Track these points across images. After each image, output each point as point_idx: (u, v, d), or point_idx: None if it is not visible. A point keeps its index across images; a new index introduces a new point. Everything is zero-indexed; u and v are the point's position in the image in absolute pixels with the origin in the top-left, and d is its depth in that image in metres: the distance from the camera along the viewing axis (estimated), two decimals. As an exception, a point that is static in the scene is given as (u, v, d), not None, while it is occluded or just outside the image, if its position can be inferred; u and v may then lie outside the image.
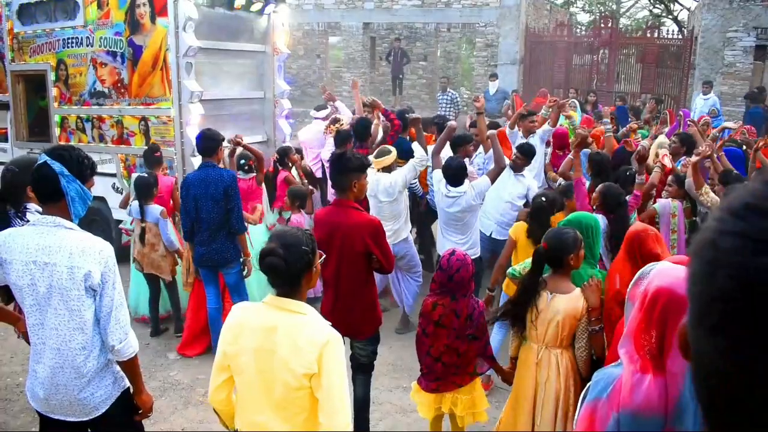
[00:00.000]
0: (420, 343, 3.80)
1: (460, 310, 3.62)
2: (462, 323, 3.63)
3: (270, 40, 7.95)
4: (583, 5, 30.18)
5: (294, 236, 2.42)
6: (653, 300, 1.89)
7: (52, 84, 7.63)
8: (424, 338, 3.75)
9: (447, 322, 3.63)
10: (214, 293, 5.37)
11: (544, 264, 3.46)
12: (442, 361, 3.70)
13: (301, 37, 20.06)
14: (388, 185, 5.60)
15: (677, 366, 1.84)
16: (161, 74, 6.71)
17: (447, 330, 3.64)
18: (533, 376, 3.49)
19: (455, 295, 3.63)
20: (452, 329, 3.63)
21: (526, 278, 3.50)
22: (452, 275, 3.61)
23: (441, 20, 18.47)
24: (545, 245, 3.43)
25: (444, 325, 3.64)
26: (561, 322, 3.37)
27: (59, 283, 2.61)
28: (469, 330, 3.65)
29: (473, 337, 3.67)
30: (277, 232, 2.51)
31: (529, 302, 3.43)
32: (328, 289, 4.16)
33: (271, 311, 2.39)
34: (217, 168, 5.14)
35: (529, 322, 3.52)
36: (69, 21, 7.34)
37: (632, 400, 1.89)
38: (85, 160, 2.78)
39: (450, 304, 3.63)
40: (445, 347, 3.67)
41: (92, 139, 7.46)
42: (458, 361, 3.69)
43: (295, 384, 2.29)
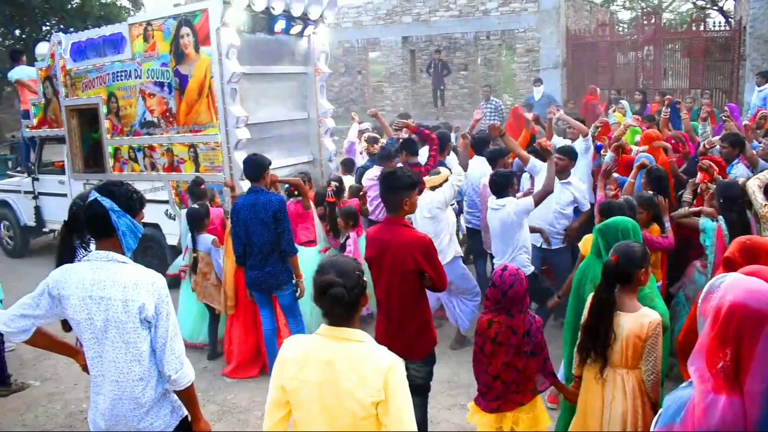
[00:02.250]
0: (477, 361, 3.72)
1: (516, 327, 3.54)
2: (520, 339, 3.54)
3: (311, 61, 8.04)
4: (624, 2, 29.67)
5: (346, 263, 2.42)
6: (728, 316, 1.80)
7: (104, 117, 7.88)
8: (481, 356, 3.67)
9: (504, 339, 3.55)
10: (269, 315, 5.41)
11: (616, 279, 3.30)
12: (501, 379, 3.60)
13: (341, 55, 20.25)
14: (428, 202, 5.58)
15: (758, 385, 1.75)
16: (207, 101, 6.85)
17: (505, 347, 3.55)
18: (600, 395, 3.37)
19: (511, 311, 3.55)
20: (510, 346, 3.54)
21: (599, 296, 3.33)
22: (506, 291, 3.53)
23: (479, 29, 18.40)
24: (615, 258, 3.28)
25: (501, 343, 3.55)
26: (625, 342, 3.25)
27: (115, 316, 2.66)
28: (527, 346, 3.56)
29: (532, 354, 3.58)
30: (328, 262, 2.48)
31: (605, 322, 3.27)
32: (380, 309, 4.13)
33: (327, 342, 2.37)
34: (265, 192, 5.19)
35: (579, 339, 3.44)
36: (117, 55, 7.58)
37: (707, 424, 1.79)
38: (134, 194, 2.83)
39: (506, 321, 3.54)
40: (503, 365, 3.58)
41: (144, 167, 7.66)
42: (518, 378, 3.60)
43: (362, 413, 2.27)
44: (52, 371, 5.99)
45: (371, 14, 18.93)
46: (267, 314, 5.41)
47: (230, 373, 5.77)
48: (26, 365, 6.16)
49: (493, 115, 13.63)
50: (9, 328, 2.78)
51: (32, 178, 9.38)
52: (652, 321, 3.25)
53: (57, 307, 2.76)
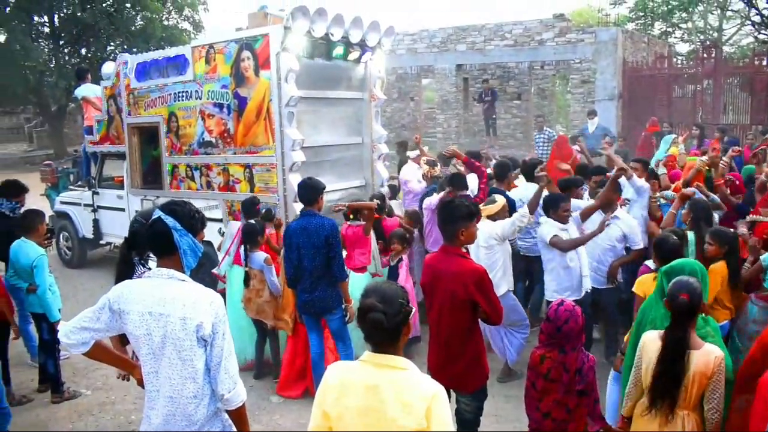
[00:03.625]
0: (529, 397, 3.66)
1: (569, 364, 3.47)
2: (571, 377, 3.47)
3: (367, 87, 8.13)
4: (682, 35, 29.22)
5: (390, 289, 2.44)
6: None
7: (164, 135, 8.10)
8: (533, 392, 3.61)
9: (556, 376, 3.48)
10: (317, 339, 5.43)
11: (689, 317, 3.25)
12: (551, 417, 3.53)
13: (395, 81, 20.41)
14: (485, 232, 5.54)
15: None
16: (265, 124, 6.98)
17: (557, 384, 3.49)
18: None
19: (564, 348, 3.49)
20: (561, 383, 3.48)
21: (674, 335, 3.25)
22: (560, 326, 3.47)
23: (534, 59, 18.35)
24: (686, 296, 3.21)
25: (554, 379, 3.49)
26: (691, 380, 3.17)
27: (173, 333, 2.70)
28: (578, 385, 3.48)
29: (582, 393, 3.50)
30: (372, 286, 2.52)
31: (680, 362, 3.20)
32: (432, 338, 4.10)
33: (371, 369, 2.38)
34: (318, 216, 5.23)
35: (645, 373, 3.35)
36: (179, 76, 7.80)
37: None
38: (196, 214, 2.90)
39: (559, 357, 3.48)
40: (554, 402, 3.51)
41: (200, 186, 7.83)
42: (568, 417, 3.52)
43: None
44: (103, 381, 6.11)
45: (426, 41, 19.08)
46: (315, 338, 5.43)
47: (278, 390, 5.86)
48: (79, 374, 6.30)
49: (546, 145, 13.49)
50: (69, 340, 2.84)
51: (92, 192, 9.68)
52: (717, 356, 3.21)
53: (117, 321, 2.82)
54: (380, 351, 2.39)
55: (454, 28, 18.67)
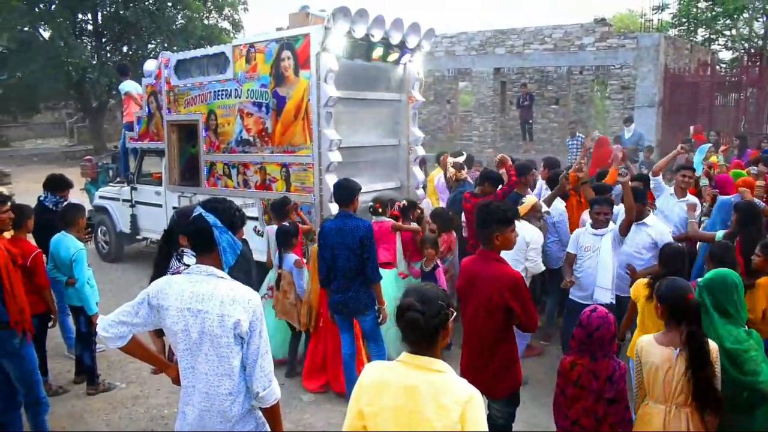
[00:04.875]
0: (558, 404, 3.62)
1: (599, 371, 3.43)
2: (601, 385, 3.42)
3: (405, 89, 8.11)
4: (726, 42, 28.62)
5: (430, 291, 2.45)
6: None
7: (203, 133, 8.18)
8: (561, 399, 3.57)
9: (586, 383, 3.44)
10: (349, 340, 5.42)
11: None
12: (580, 424, 3.48)
13: (432, 83, 20.36)
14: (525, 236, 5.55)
15: None
16: (303, 123, 6.99)
17: (586, 391, 3.44)
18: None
19: (595, 355, 3.44)
20: (591, 391, 3.43)
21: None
22: (592, 333, 3.43)
23: (574, 63, 18.15)
24: (692, 296, 3.36)
25: (583, 386, 3.45)
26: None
27: (210, 330, 2.71)
28: (609, 393, 3.43)
29: (612, 401, 3.44)
30: (413, 287, 2.53)
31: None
32: (465, 342, 4.07)
33: (408, 370, 2.37)
34: (353, 217, 5.22)
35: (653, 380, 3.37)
36: (219, 75, 7.87)
37: None
38: (237, 211, 2.92)
39: (589, 364, 3.44)
40: (583, 410, 3.46)
41: (237, 184, 7.88)
42: (596, 425, 3.46)
43: None
44: (137, 374, 6.18)
45: (464, 44, 18.99)
46: (347, 338, 5.42)
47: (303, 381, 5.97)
48: (113, 366, 6.39)
49: (579, 150, 13.39)
50: (108, 333, 2.86)
51: (131, 188, 9.82)
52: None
53: (155, 316, 2.84)
54: (417, 352, 2.39)
55: (494, 31, 18.54)
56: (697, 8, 25.15)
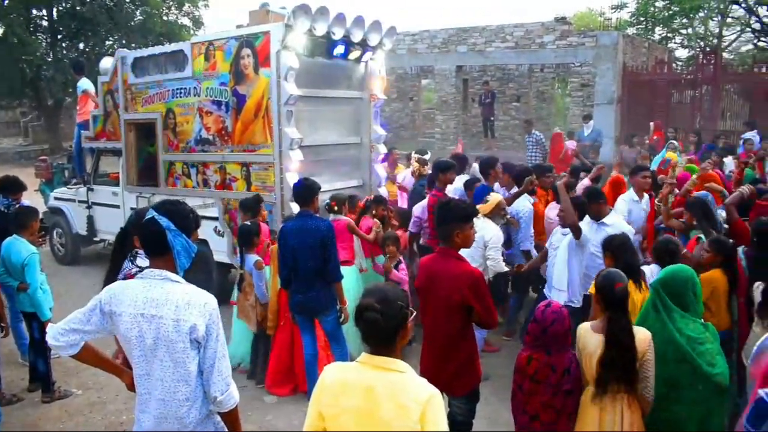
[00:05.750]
0: (515, 400, 3.65)
1: (556, 365, 3.47)
2: (559, 378, 3.46)
3: (367, 87, 8.08)
4: (682, 41, 29.20)
5: (389, 291, 2.44)
6: None
7: (161, 132, 8.02)
8: (519, 395, 3.60)
9: (543, 378, 3.48)
10: (311, 340, 5.37)
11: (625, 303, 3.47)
12: (539, 420, 3.52)
13: (394, 81, 20.36)
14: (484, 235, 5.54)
15: None
16: (263, 122, 6.91)
17: (543, 385, 3.48)
18: (597, 423, 3.39)
19: (550, 349, 3.48)
20: (549, 385, 3.47)
21: (621, 324, 3.40)
22: (546, 327, 3.47)
23: (535, 61, 18.33)
24: (621, 285, 3.46)
25: (540, 381, 3.49)
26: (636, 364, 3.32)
27: (165, 335, 2.65)
28: (566, 385, 3.48)
29: (569, 393, 3.50)
30: (374, 287, 2.52)
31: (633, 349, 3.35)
32: (425, 340, 4.07)
33: (367, 370, 2.37)
34: (314, 217, 5.18)
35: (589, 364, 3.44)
36: (178, 73, 7.74)
37: None
38: (191, 214, 2.86)
39: (545, 359, 3.48)
40: (541, 404, 3.50)
41: (197, 184, 7.76)
42: (556, 418, 3.50)
43: None
44: (94, 380, 6.04)
45: (427, 42, 19.03)
46: (309, 339, 5.37)
47: (267, 387, 5.87)
48: (70, 373, 6.23)
49: (535, 147, 13.61)
50: (58, 342, 2.77)
51: (87, 188, 9.59)
52: (645, 338, 3.39)
53: (108, 323, 2.76)
54: (377, 353, 2.38)
55: (456, 29, 18.61)
56: (655, 7, 25.57)
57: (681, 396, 3.54)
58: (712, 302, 4.60)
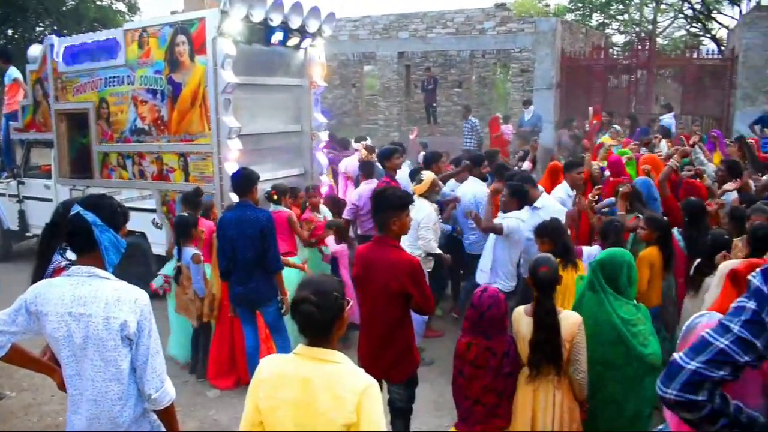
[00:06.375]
0: (456, 386, 3.69)
1: (495, 349, 3.52)
2: (499, 361, 3.52)
3: (307, 74, 7.99)
4: (619, 26, 29.93)
5: (325, 283, 2.42)
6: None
7: (94, 122, 7.78)
8: (461, 380, 3.64)
9: (483, 362, 3.53)
10: (252, 332, 5.32)
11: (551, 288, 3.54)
12: (482, 402, 3.57)
13: (337, 67, 20.24)
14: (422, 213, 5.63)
15: None
16: (200, 111, 6.78)
17: (484, 370, 3.53)
18: (530, 404, 3.47)
19: (488, 334, 3.54)
20: (489, 369, 3.53)
21: (546, 307, 3.47)
22: (483, 312, 3.52)
23: (475, 47, 18.47)
24: (546, 269, 3.51)
25: (481, 365, 3.54)
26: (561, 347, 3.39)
27: (95, 333, 2.58)
28: (506, 367, 3.55)
29: (510, 375, 3.57)
30: (308, 279, 2.51)
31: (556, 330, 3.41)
32: (363, 329, 4.08)
33: (304, 362, 2.36)
34: (253, 208, 5.11)
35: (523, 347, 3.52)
36: (111, 60, 7.50)
37: None
38: (118, 208, 2.78)
39: (484, 343, 3.53)
40: (483, 388, 3.55)
41: (133, 175, 7.57)
42: (498, 401, 3.57)
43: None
44: (29, 381, 5.84)
45: (368, 28, 18.95)
46: (250, 331, 5.32)
47: (210, 379, 5.81)
48: (3, 375, 6.00)
49: (470, 134, 13.78)
50: None
51: (17, 182, 9.25)
52: (575, 321, 3.46)
53: (35, 323, 2.67)
54: (314, 344, 2.37)
55: (397, 15, 18.58)
56: (592, -7, 26.16)
57: (617, 376, 3.65)
58: (656, 279, 4.79)
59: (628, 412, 3.67)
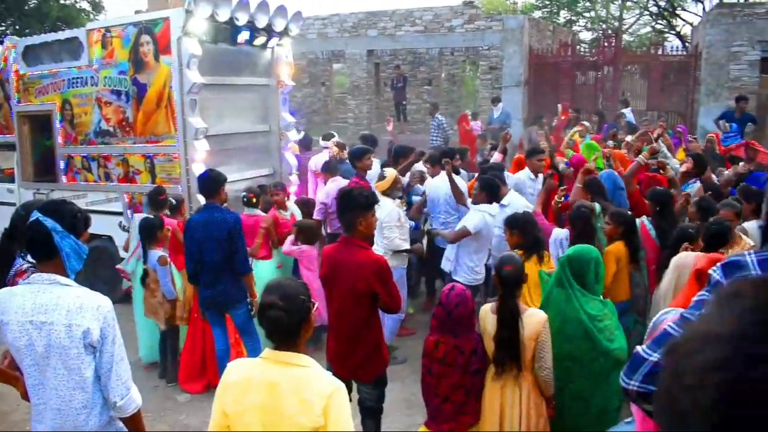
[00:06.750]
0: (425, 384, 3.70)
1: (463, 346, 3.55)
2: (467, 359, 3.55)
3: (274, 73, 7.94)
4: (586, 23, 30.26)
5: (291, 287, 2.42)
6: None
7: (58, 124, 7.64)
8: (429, 379, 3.65)
9: (452, 360, 3.55)
10: (222, 335, 5.27)
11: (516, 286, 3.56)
12: (450, 400, 3.59)
13: (306, 66, 20.17)
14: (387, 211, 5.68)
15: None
16: (166, 112, 6.70)
17: (452, 368, 3.55)
18: (498, 402, 3.50)
19: (457, 332, 3.55)
20: (458, 366, 3.55)
21: (508, 305, 3.49)
22: (451, 311, 3.54)
23: (444, 45, 18.53)
24: (510, 267, 3.52)
25: (449, 363, 3.56)
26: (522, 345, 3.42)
27: (57, 342, 2.54)
28: (474, 365, 3.57)
29: (477, 372, 3.60)
30: (274, 283, 2.49)
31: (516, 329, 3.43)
32: (331, 329, 4.08)
33: (271, 366, 2.35)
34: (220, 209, 5.08)
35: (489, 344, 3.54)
36: (74, 61, 7.37)
37: None
38: (78, 213, 2.74)
39: (453, 341, 3.55)
40: (451, 386, 3.57)
41: (98, 178, 7.45)
42: (467, 399, 3.59)
43: None
44: (-7, 389, 5.73)
45: (336, 26, 18.90)
46: (220, 334, 5.28)
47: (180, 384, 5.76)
48: (-33, 383, 5.88)
49: (436, 131, 13.82)
50: None
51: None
52: (539, 320, 3.49)
53: None
54: (281, 348, 2.37)
55: (365, 13, 18.56)
56: (559, -9, 26.39)
57: (584, 371, 3.70)
58: (622, 274, 4.84)
59: (595, 407, 3.72)
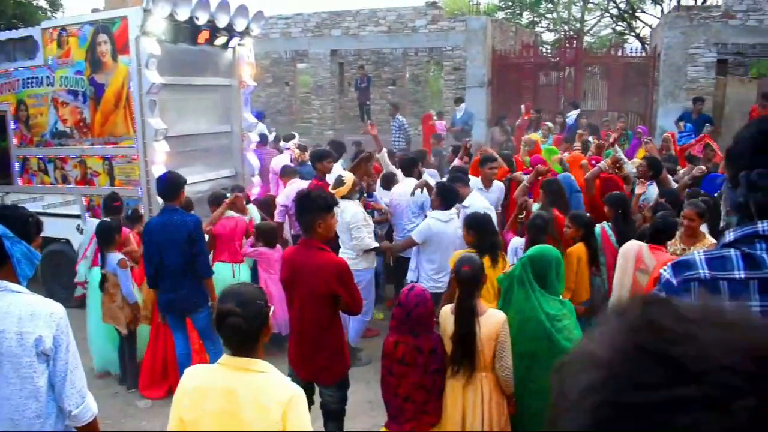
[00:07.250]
0: (386, 384, 3.71)
1: (422, 346, 3.55)
2: (426, 358, 3.56)
3: (236, 73, 7.87)
4: (548, 25, 30.61)
5: (248, 293, 2.42)
6: None
7: (12, 125, 7.47)
8: (390, 379, 3.66)
9: (411, 360, 3.56)
10: (183, 339, 5.21)
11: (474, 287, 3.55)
12: (411, 400, 3.60)
13: (269, 66, 20.02)
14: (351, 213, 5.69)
15: None
16: (124, 112, 6.60)
17: (412, 367, 3.56)
18: (460, 401, 3.52)
19: (415, 331, 3.56)
20: (418, 366, 3.56)
21: (464, 305, 3.51)
22: (410, 311, 3.55)
23: (408, 45, 18.54)
24: (468, 267, 3.54)
25: (409, 363, 3.56)
26: (482, 345, 3.44)
27: (8, 350, 2.48)
28: (434, 364, 3.58)
29: (437, 371, 3.61)
30: (230, 290, 2.47)
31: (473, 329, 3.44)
32: (293, 332, 4.07)
33: (229, 372, 2.34)
34: (179, 212, 5.01)
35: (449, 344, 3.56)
36: (28, 61, 7.22)
37: None
38: (30, 218, 2.69)
39: (412, 341, 3.56)
40: (412, 385, 3.58)
41: (55, 180, 7.30)
42: (428, 397, 3.61)
43: None
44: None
45: (300, 26, 18.79)
46: (180, 338, 5.21)
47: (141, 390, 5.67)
48: None
49: (398, 132, 13.82)
50: None
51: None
52: (499, 320, 3.52)
53: None
54: (239, 354, 2.36)
55: (329, 12, 18.49)
56: (522, -8, 26.65)
57: (544, 370, 3.73)
58: (582, 275, 4.91)
59: (556, 405, 3.76)
